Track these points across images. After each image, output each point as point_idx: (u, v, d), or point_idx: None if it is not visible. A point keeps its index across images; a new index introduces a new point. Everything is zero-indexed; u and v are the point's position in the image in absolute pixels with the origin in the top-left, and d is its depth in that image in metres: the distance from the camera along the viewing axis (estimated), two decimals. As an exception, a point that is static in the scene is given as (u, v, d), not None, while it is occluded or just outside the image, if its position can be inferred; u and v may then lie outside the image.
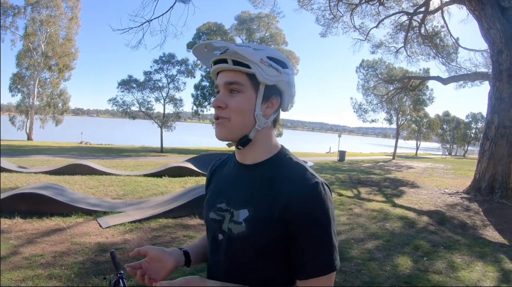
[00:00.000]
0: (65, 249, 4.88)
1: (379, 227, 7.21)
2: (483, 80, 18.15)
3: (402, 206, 9.34)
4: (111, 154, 22.97)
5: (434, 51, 20.17)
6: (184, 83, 31.90)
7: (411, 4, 18.16)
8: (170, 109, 31.78)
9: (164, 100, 30.91)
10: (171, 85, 31.00)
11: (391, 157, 34.26)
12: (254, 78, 1.07)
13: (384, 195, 11.10)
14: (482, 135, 11.63)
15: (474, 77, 18.10)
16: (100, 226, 6.08)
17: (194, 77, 32.80)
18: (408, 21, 18.67)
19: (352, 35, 21.41)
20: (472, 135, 60.57)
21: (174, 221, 6.59)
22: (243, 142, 1.11)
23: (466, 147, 63.27)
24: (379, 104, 33.09)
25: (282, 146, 1.20)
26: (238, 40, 35.19)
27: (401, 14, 18.86)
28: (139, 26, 14.51)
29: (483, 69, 18.51)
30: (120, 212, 6.93)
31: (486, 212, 8.94)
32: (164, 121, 30.43)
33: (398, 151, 38.92)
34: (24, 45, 37.83)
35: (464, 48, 19.74)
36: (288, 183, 1.06)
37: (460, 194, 11.04)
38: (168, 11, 14.84)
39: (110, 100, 30.10)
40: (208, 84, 33.26)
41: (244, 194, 1.11)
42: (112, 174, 12.14)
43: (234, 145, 1.14)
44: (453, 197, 10.69)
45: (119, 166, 15.53)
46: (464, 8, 14.02)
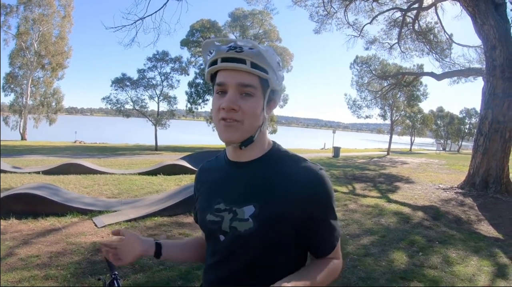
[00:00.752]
0: (60, 249, 4.86)
1: (374, 222, 7.23)
2: (477, 76, 18.23)
3: (397, 202, 9.37)
4: (106, 153, 22.89)
5: (428, 47, 20.26)
6: (178, 81, 31.99)
7: (405, 0, 18.21)
8: (164, 107, 31.83)
9: (158, 98, 30.86)
10: (165, 83, 31.00)
11: (386, 153, 34.41)
12: (265, 82, 1.07)
13: (379, 190, 11.13)
14: (476, 131, 11.69)
15: (468, 72, 18.21)
16: (96, 225, 6.05)
17: (188, 75, 32.82)
18: (402, 17, 18.74)
19: (346, 31, 21.65)
20: (466, 131, 61.01)
21: (169, 219, 6.57)
22: (248, 143, 1.11)
23: (460, 142, 63.70)
24: (373, 100, 33.25)
25: (274, 141, 1.21)
26: (232, 37, 35.03)
27: (394, 10, 18.93)
28: (132, 24, 14.44)
29: (477, 65, 18.66)
30: (115, 211, 6.90)
31: (481, 207, 8.99)
32: (158, 119, 30.37)
33: (393, 146, 39.11)
34: (17, 44, 37.63)
35: (458, 44, 19.88)
36: (294, 176, 1.09)
37: (455, 189, 11.10)
38: (161, 8, 14.76)
39: (104, 99, 30.03)
40: (202, 81, 33.16)
41: (246, 191, 1.11)
42: (107, 173, 12.08)
43: (234, 145, 1.12)
44: (447, 192, 10.74)
45: (114, 165, 15.47)
46: (458, 4, 14.09)
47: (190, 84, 33.91)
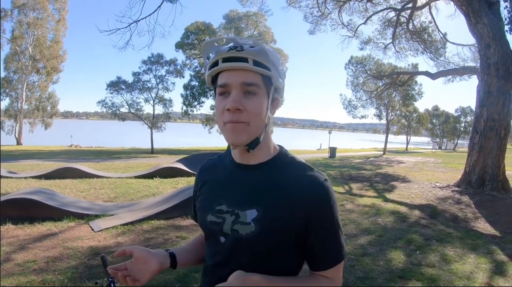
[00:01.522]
0: (57, 254, 4.84)
1: (371, 222, 7.24)
2: (471, 74, 18.35)
3: (393, 201, 9.40)
4: (102, 157, 22.79)
5: (422, 46, 20.35)
6: (173, 83, 31.80)
7: (399, 0, 18.29)
8: (159, 109, 31.63)
9: (154, 100, 30.74)
10: (160, 86, 30.85)
11: (382, 153, 34.49)
12: (268, 80, 1.05)
13: (376, 190, 11.16)
14: (471, 129, 11.73)
15: (463, 71, 18.29)
16: (92, 229, 6.02)
17: (183, 77, 32.68)
18: (396, 17, 18.82)
19: (340, 32, 21.65)
20: (462, 129, 61.11)
21: (166, 223, 6.55)
22: (255, 145, 1.08)
23: (456, 140, 63.87)
24: (368, 100, 33.30)
25: (281, 146, 1.20)
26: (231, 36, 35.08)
27: (389, 10, 19.02)
28: (126, 27, 14.46)
29: (471, 64, 18.75)
30: (112, 215, 6.88)
31: (477, 205, 9.03)
32: (154, 122, 30.25)
33: (389, 146, 39.20)
34: (11, 48, 37.35)
35: (452, 43, 19.98)
36: (298, 183, 1.07)
37: (451, 188, 11.14)
38: (155, 11, 14.79)
39: (99, 102, 29.84)
40: (197, 83, 33.09)
41: (250, 194, 1.09)
42: (103, 177, 12.05)
43: (241, 148, 1.10)
44: (444, 191, 10.78)
45: (110, 169, 15.43)
46: (452, 3, 14.18)
47: (186, 87, 33.82)
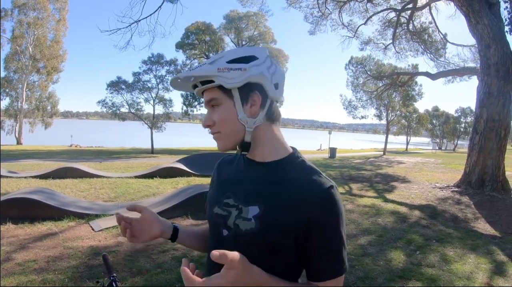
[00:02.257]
0: (58, 254, 4.84)
1: (372, 222, 7.25)
2: (472, 75, 18.36)
3: (393, 201, 9.40)
4: (102, 156, 22.80)
5: (423, 47, 20.35)
6: (174, 83, 31.75)
7: (399, 0, 18.31)
8: (160, 109, 31.63)
9: (154, 100, 30.74)
10: (161, 86, 30.80)
11: (382, 153, 34.51)
12: (224, 88, 1.08)
13: (376, 190, 11.16)
14: (471, 129, 11.74)
15: (463, 72, 18.28)
16: (93, 229, 6.03)
17: (184, 77, 32.66)
18: (396, 18, 18.82)
19: (340, 32, 21.62)
20: (462, 129, 61.13)
21: (167, 222, 6.54)
22: (244, 146, 1.13)
23: (456, 141, 63.89)
24: (368, 101, 33.28)
25: (295, 148, 1.20)
26: (227, 39, 35.09)
27: (389, 11, 19.02)
28: (127, 27, 14.47)
29: (471, 64, 18.75)
30: (112, 215, 6.87)
31: (477, 205, 9.03)
32: (154, 122, 30.24)
33: (389, 146, 39.20)
34: (12, 48, 37.38)
35: (452, 43, 19.98)
36: (303, 186, 1.06)
37: (451, 188, 11.14)
38: (156, 11, 14.80)
39: (99, 102, 29.83)
40: (198, 84, 33.10)
41: (254, 191, 1.10)
42: (103, 177, 12.05)
43: (239, 151, 1.17)
44: (444, 191, 10.78)
45: (110, 168, 15.42)
46: (452, 4, 14.17)
47: (186, 87, 33.80)
